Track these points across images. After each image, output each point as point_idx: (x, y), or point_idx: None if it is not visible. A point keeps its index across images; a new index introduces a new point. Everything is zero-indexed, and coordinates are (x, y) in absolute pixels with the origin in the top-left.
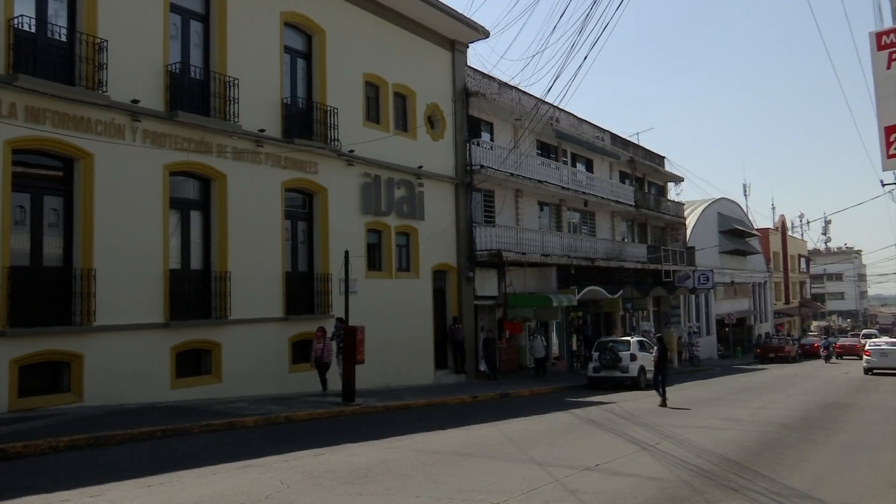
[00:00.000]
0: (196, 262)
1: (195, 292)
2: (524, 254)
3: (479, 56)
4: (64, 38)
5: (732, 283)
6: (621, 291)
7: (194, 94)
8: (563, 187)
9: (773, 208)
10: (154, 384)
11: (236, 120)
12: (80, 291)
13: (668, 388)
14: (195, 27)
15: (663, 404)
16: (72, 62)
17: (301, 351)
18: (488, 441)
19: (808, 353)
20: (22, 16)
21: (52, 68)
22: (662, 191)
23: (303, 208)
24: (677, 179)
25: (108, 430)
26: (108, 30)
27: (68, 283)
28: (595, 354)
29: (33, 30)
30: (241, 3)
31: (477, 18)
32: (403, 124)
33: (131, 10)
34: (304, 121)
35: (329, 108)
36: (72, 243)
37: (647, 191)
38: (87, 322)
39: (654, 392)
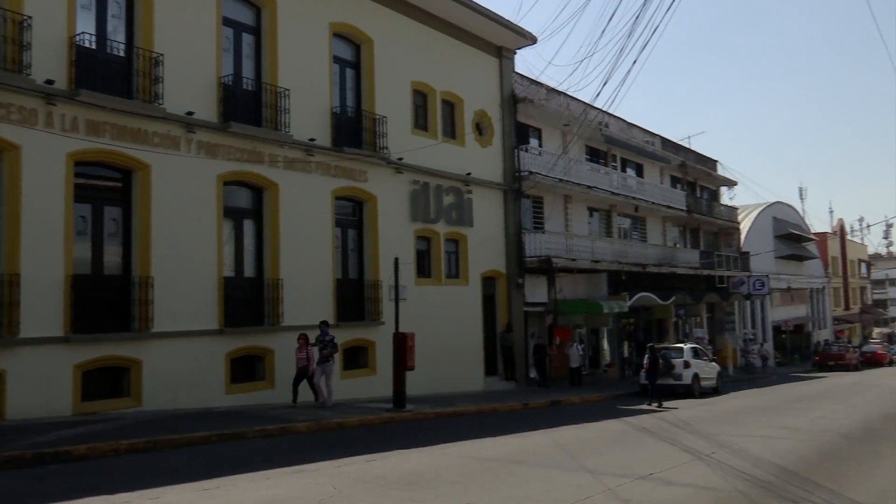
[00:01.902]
0: (249, 270)
1: (248, 299)
2: (574, 260)
3: (526, 62)
4: (122, 54)
5: (789, 288)
6: (673, 298)
7: (246, 104)
8: (612, 192)
9: (831, 212)
10: (209, 390)
11: (287, 130)
12: (138, 299)
13: (722, 397)
14: (247, 39)
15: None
16: (129, 76)
17: (353, 357)
18: (539, 448)
19: (871, 362)
20: (83, 33)
21: (111, 83)
22: (715, 195)
23: (352, 216)
24: (730, 183)
25: (166, 435)
26: (164, 44)
27: (127, 291)
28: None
29: (93, 46)
30: (291, 14)
31: (524, 25)
32: (451, 131)
33: (186, 24)
34: (353, 129)
35: (378, 117)
36: (130, 252)
37: (698, 195)
38: (145, 329)
39: (709, 400)
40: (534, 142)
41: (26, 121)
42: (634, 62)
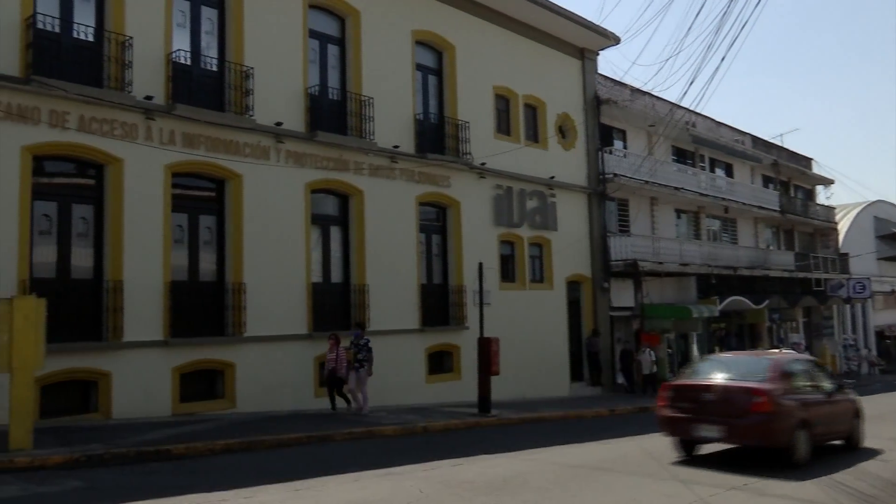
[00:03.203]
0: (336, 276)
1: (336, 304)
2: (661, 263)
3: (609, 63)
4: (215, 68)
5: (893, 291)
6: (767, 302)
7: (332, 114)
8: (701, 194)
9: None
10: (299, 392)
11: (372, 137)
12: (231, 304)
13: None
14: (332, 50)
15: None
16: (222, 90)
17: (437, 362)
18: (627, 456)
19: None
20: (179, 50)
21: (205, 96)
22: (810, 194)
23: (436, 221)
24: (826, 182)
25: (259, 436)
26: (254, 58)
27: (221, 296)
28: None
29: (188, 62)
30: (375, 24)
31: (607, 25)
32: (534, 135)
33: (274, 38)
34: (436, 135)
35: (460, 122)
36: (224, 259)
37: (792, 195)
38: (238, 333)
39: None
40: (618, 143)
41: (128, 135)
42: (723, 59)
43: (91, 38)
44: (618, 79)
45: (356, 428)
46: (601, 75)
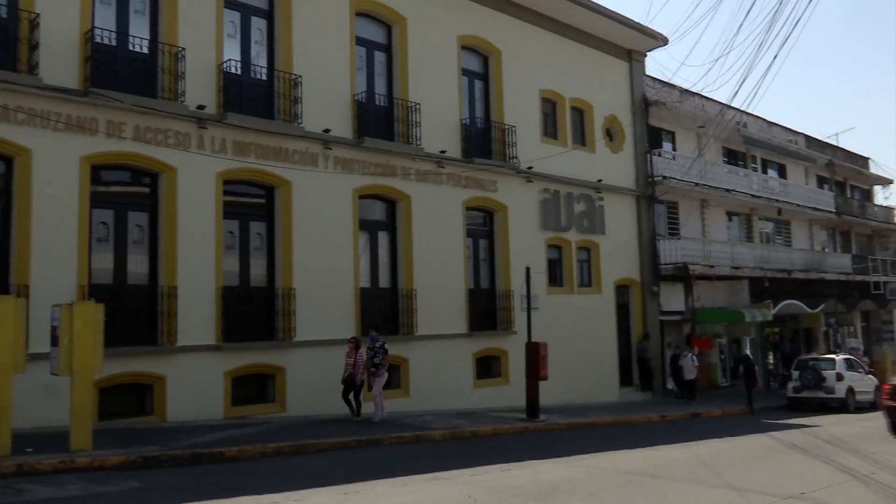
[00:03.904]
0: (384, 281)
1: (384, 309)
2: (712, 266)
3: (657, 64)
4: (264, 77)
5: None
6: (822, 305)
7: (379, 120)
8: (752, 195)
9: None
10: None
11: (419, 143)
12: (281, 309)
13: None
14: (379, 57)
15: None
16: (271, 98)
17: (485, 366)
18: (679, 462)
19: None
20: (230, 60)
21: (255, 105)
22: (867, 195)
23: (483, 226)
24: (885, 182)
25: (309, 439)
26: (302, 66)
27: (272, 302)
28: (795, 373)
29: (239, 72)
30: (421, 31)
31: (654, 26)
32: (581, 138)
33: (322, 46)
34: (482, 140)
35: (507, 127)
36: (273, 264)
37: (849, 196)
38: (288, 338)
39: (866, 415)
40: (667, 146)
41: (181, 144)
42: (775, 57)
43: (146, 51)
44: (666, 80)
45: (404, 433)
46: (649, 77)
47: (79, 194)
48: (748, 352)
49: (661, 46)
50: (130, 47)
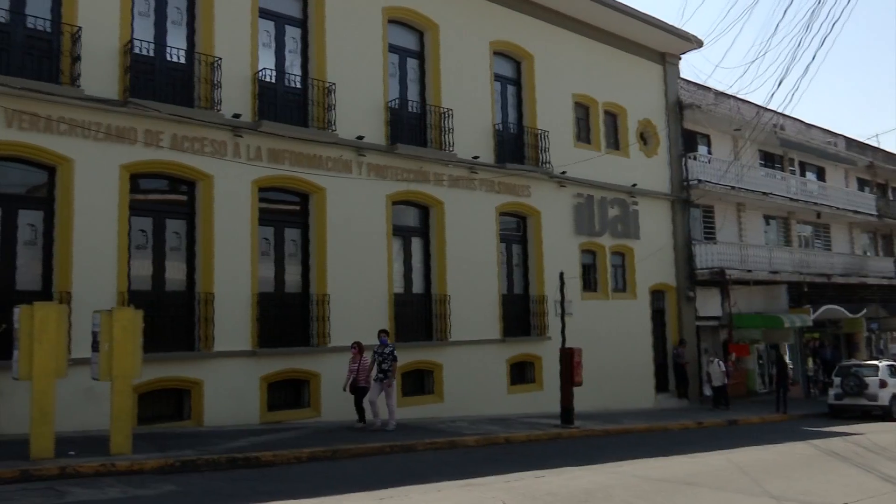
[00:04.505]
0: (418, 287)
1: (417, 315)
2: (749, 271)
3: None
4: (298, 85)
5: None
6: (864, 311)
7: (412, 126)
8: (790, 199)
9: None
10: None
11: (451, 149)
12: (316, 315)
13: None
14: (411, 64)
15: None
16: (305, 106)
17: (519, 372)
18: (716, 470)
19: None
20: (265, 69)
21: (289, 113)
22: None
23: (517, 231)
24: None
25: (343, 445)
26: (335, 73)
27: (306, 308)
28: (836, 380)
29: (273, 80)
30: (453, 37)
31: (688, 28)
32: (615, 142)
33: (355, 54)
34: (515, 145)
35: (539, 132)
36: (308, 270)
37: (891, 198)
38: (322, 343)
39: None
40: (702, 149)
41: (217, 152)
42: (812, 58)
43: (183, 61)
44: (701, 83)
45: (437, 438)
46: (683, 79)
47: (118, 202)
48: (786, 356)
49: (695, 49)
50: (168, 58)
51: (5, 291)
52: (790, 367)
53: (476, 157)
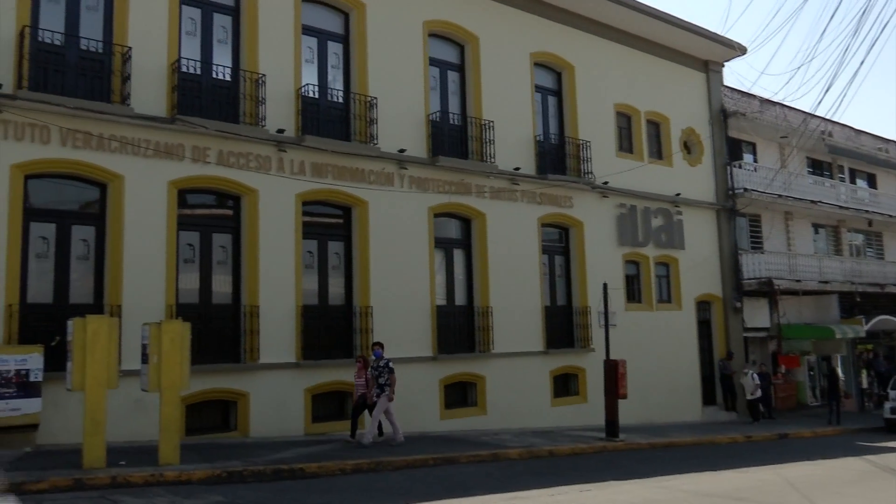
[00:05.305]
0: (460, 298)
1: (460, 327)
2: (798, 281)
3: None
4: (340, 100)
5: None
6: None
7: (453, 138)
8: (840, 207)
9: None
10: (425, 414)
11: (492, 160)
12: (359, 327)
13: None
14: (452, 76)
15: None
16: (347, 120)
17: (562, 385)
18: (766, 486)
19: None
20: (307, 84)
21: (332, 127)
22: None
23: (559, 242)
24: None
25: (387, 457)
26: (377, 88)
27: (349, 320)
28: (892, 393)
29: (316, 95)
30: (494, 49)
31: (732, 35)
32: (658, 152)
33: (396, 68)
34: (556, 156)
35: (581, 142)
36: (351, 283)
37: None
38: (366, 355)
39: None
40: (748, 157)
41: (262, 167)
42: (861, 63)
43: (228, 78)
44: (745, 90)
45: (480, 451)
46: (727, 87)
47: (167, 217)
48: (839, 368)
49: (738, 56)
50: (214, 75)
51: (59, 305)
52: (842, 379)
53: (517, 169)
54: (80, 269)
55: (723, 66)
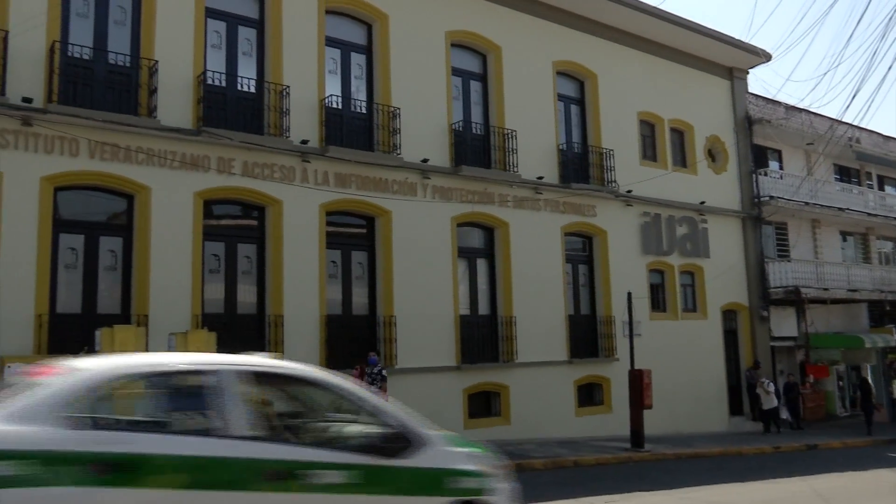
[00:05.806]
0: (483, 308)
1: (483, 336)
2: (826, 289)
3: (760, 81)
4: (364, 110)
5: None
6: None
7: (476, 148)
8: (869, 214)
9: None
10: (448, 424)
11: (515, 170)
12: (383, 337)
13: None
14: (474, 86)
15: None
16: (371, 130)
17: (586, 394)
18: (796, 498)
19: None
20: (331, 95)
21: (355, 137)
22: None
23: (583, 251)
24: None
25: None
26: (400, 98)
27: (373, 329)
28: None
29: (339, 106)
30: (516, 59)
31: (756, 42)
32: (682, 160)
33: (419, 78)
34: (580, 165)
35: (604, 151)
36: (375, 293)
37: None
38: (389, 365)
39: None
40: (773, 164)
41: (286, 177)
42: (889, 68)
43: (253, 90)
44: (770, 97)
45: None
46: (752, 94)
47: (192, 228)
48: (868, 378)
49: (763, 63)
50: (239, 87)
51: (88, 315)
52: (873, 389)
53: (540, 178)
54: (107, 280)
55: (747, 72)
